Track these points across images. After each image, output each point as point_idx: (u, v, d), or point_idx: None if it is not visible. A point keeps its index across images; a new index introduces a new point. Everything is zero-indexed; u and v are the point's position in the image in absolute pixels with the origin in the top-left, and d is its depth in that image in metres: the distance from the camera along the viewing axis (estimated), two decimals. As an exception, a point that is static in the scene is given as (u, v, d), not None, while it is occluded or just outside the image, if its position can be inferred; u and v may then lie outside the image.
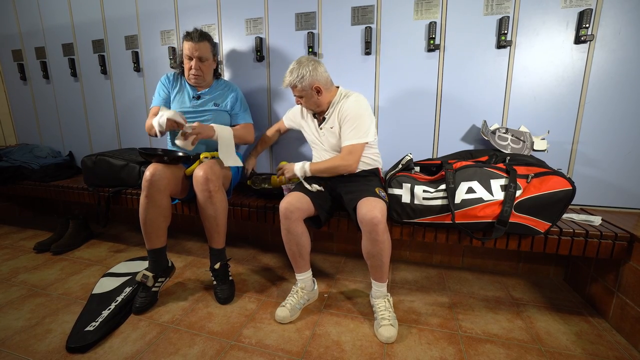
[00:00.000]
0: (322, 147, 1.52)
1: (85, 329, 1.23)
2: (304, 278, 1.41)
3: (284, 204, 1.31)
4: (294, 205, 1.30)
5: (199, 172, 1.41)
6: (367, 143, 1.40)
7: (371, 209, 1.19)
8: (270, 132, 1.80)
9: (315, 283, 1.48)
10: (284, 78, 1.40)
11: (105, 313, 1.33)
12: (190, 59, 1.55)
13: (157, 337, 1.22)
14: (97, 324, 1.27)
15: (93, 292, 1.51)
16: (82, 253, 1.97)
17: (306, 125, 1.58)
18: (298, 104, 1.49)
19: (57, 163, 2.29)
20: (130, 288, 1.52)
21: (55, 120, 2.52)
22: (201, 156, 1.54)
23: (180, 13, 2.00)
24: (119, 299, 1.44)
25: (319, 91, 1.39)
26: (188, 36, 1.53)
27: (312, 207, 1.35)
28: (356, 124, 1.36)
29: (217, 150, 1.54)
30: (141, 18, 2.09)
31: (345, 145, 1.38)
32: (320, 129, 1.49)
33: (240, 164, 1.60)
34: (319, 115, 1.51)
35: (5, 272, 1.71)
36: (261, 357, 1.12)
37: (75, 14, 2.25)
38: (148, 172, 1.37)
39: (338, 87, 1.48)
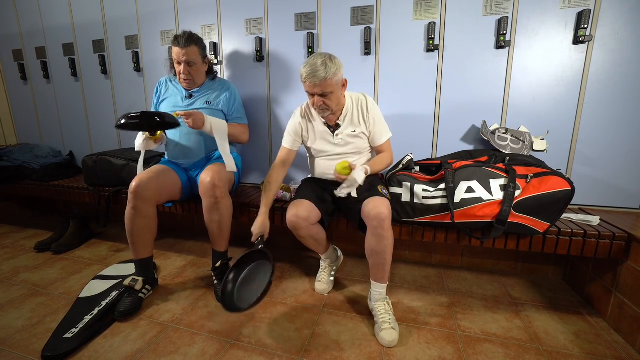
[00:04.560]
0: (335, 155, 1.45)
1: (64, 336, 1.19)
2: (328, 255, 1.58)
3: (291, 217, 1.33)
4: (301, 217, 1.32)
5: (205, 177, 1.40)
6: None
7: (378, 205, 1.20)
8: (275, 172, 1.46)
9: (338, 250, 1.69)
10: (314, 73, 1.23)
11: (87, 319, 1.28)
12: (179, 63, 1.53)
13: (157, 336, 1.23)
14: (76, 330, 1.21)
15: (80, 296, 1.46)
16: (82, 252, 1.97)
17: (313, 134, 1.46)
18: (319, 105, 1.31)
19: (57, 163, 2.29)
20: (117, 292, 1.45)
21: (56, 120, 2.52)
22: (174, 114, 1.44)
23: (180, 13, 2.00)
24: (104, 303, 1.38)
25: (344, 85, 1.36)
26: (175, 41, 1.50)
27: (318, 213, 1.37)
28: (383, 122, 1.45)
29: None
30: (141, 18, 2.09)
31: (385, 141, 1.46)
32: (336, 135, 1.42)
33: (235, 168, 1.54)
34: (331, 121, 1.42)
35: (6, 272, 1.72)
36: (261, 356, 1.13)
37: (75, 14, 2.25)
38: (134, 182, 1.38)
39: None
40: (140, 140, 1.50)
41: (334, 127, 1.43)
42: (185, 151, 1.61)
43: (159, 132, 1.49)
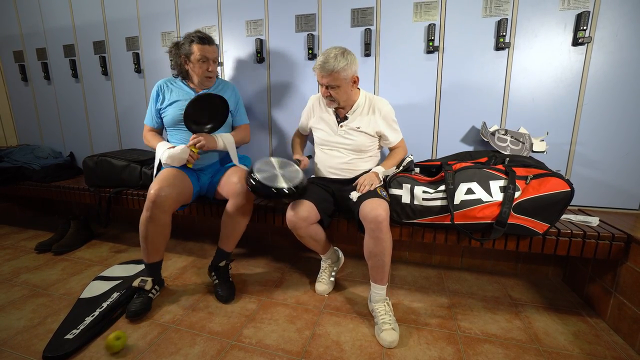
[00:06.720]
0: (336, 147, 1.49)
1: (65, 337, 1.19)
2: (328, 255, 1.58)
3: (290, 217, 1.35)
4: (300, 217, 1.34)
5: (237, 181, 1.42)
6: None
7: (375, 207, 1.21)
8: (296, 136, 1.75)
9: (339, 251, 1.68)
10: (323, 64, 1.31)
11: (88, 319, 1.28)
12: (205, 61, 1.54)
13: (158, 336, 1.23)
14: (77, 331, 1.22)
15: (80, 297, 1.46)
16: (83, 253, 1.97)
17: (321, 123, 1.53)
18: (326, 95, 1.40)
19: (58, 163, 2.30)
20: (118, 294, 1.45)
21: (56, 121, 2.53)
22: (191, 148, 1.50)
23: (181, 15, 2.01)
24: (105, 304, 1.38)
25: (355, 82, 1.41)
26: (200, 40, 1.51)
27: (317, 213, 1.38)
28: (396, 125, 1.51)
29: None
30: (142, 20, 2.10)
31: (400, 140, 1.54)
32: (340, 126, 1.47)
33: (244, 168, 1.57)
34: (340, 114, 1.49)
35: (7, 273, 1.72)
36: (261, 357, 1.13)
37: (76, 15, 2.26)
38: (153, 191, 1.34)
39: (359, 89, 1.50)
40: (176, 153, 1.47)
41: (341, 119, 1.48)
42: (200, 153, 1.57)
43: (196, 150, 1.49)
